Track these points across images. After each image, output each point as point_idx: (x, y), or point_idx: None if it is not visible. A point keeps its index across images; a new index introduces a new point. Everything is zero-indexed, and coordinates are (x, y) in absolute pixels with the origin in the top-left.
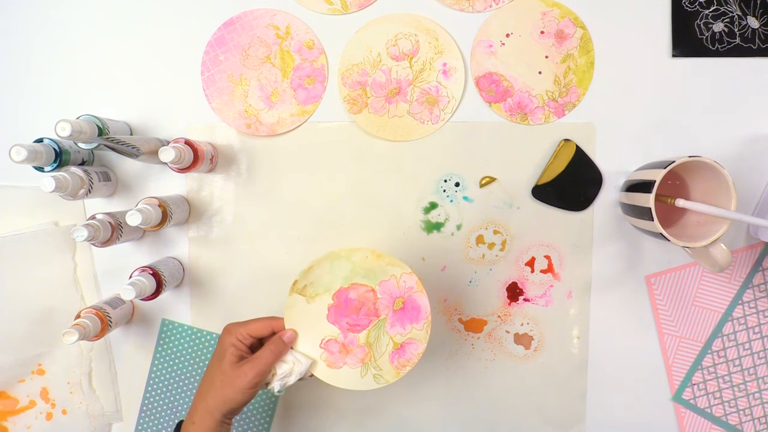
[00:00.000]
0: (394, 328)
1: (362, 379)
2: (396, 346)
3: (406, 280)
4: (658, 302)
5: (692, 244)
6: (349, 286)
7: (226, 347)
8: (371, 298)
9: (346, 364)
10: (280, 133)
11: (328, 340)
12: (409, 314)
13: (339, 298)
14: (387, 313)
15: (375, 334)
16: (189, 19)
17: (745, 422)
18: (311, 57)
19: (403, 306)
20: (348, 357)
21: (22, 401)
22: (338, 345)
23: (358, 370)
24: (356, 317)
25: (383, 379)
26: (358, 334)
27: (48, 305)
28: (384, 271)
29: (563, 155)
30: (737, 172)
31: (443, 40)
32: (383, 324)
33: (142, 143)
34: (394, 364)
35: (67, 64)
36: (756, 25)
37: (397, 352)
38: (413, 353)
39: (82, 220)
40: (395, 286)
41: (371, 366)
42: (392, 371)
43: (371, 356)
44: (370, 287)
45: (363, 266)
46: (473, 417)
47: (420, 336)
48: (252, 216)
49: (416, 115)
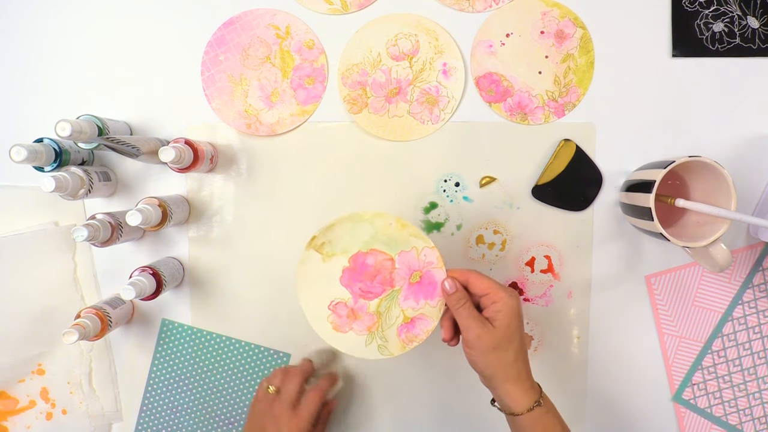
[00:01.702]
0: (407, 301)
1: (366, 347)
2: (406, 319)
3: (427, 254)
4: (658, 302)
5: (692, 244)
6: (368, 251)
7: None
8: (388, 267)
9: (353, 330)
10: (280, 133)
11: (337, 302)
12: (425, 289)
13: (355, 262)
14: (402, 285)
15: (386, 305)
16: (189, 19)
17: (745, 422)
18: (311, 57)
19: (420, 280)
20: (356, 323)
21: (22, 401)
22: (347, 309)
23: (364, 338)
24: (370, 284)
25: (387, 351)
26: (369, 302)
27: (48, 305)
28: (406, 241)
29: (563, 155)
30: (737, 172)
31: (443, 40)
32: (396, 295)
33: (142, 143)
34: (401, 338)
35: (67, 64)
36: (756, 25)
37: (406, 326)
38: (422, 329)
39: (82, 220)
40: (415, 258)
41: (378, 336)
42: (398, 344)
43: (379, 326)
44: (389, 256)
45: (385, 233)
46: (473, 416)
47: (432, 313)
48: (252, 216)
49: (416, 115)
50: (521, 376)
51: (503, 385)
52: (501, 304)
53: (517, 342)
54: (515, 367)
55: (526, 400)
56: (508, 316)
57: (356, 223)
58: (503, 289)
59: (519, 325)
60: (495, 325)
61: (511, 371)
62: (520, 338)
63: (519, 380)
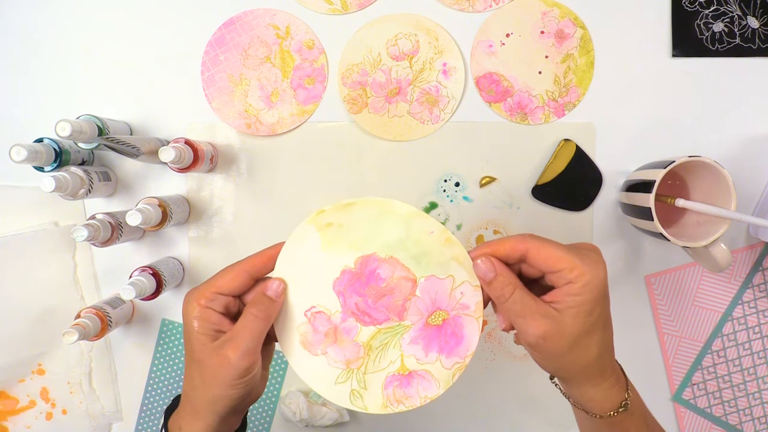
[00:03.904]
0: (413, 346)
1: (334, 385)
2: (403, 370)
3: (465, 292)
4: (658, 302)
5: (692, 244)
6: (387, 258)
7: (191, 324)
8: (405, 291)
9: (326, 356)
10: (280, 133)
11: (318, 311)
12: (444, 340)
13: (363, 267)
14: (415, 322)
15: (384, 340)
16: (189, 19)
17: (745, 422)
18: (311, 57)
19: (442, 325)
20: (333, 348)
21: (22, 401)
22: (329, 326)
23: (336, 373)
24: (372, 303)
25: (361, 402)
26: (362, 327)
27: (48, 305)
28: (443, 264)
29: (563, 155)
30: (737, 172)
31: (443, 40)
32: (402, 332)
33: (142, 143)
34: (386, 393)
35: (67, 64)
36: (756, 25)
37: (400, 380)
38: (419, 392)
39: (82, 220)
40: (446, 292)
41: (356, 377)
42: (379, 400)
43: (364, 365)
44: (413, 276)
45: (419, 242)
46: (472, 416)
47: (441, 377)
48: (252, 216)
49: (416, 115)
50: (605, 372)
51: (580, 387)
52: (579, 286)
53: (599, 333)
54: (598, 366)
55: (608, 403)
56: (589, 301)
57: (384, 215)
58: (581, 259)
59: (604, 308)
60: (569, 315)
61: (593, 371)
62: (604, 326)
63: (603, 378)
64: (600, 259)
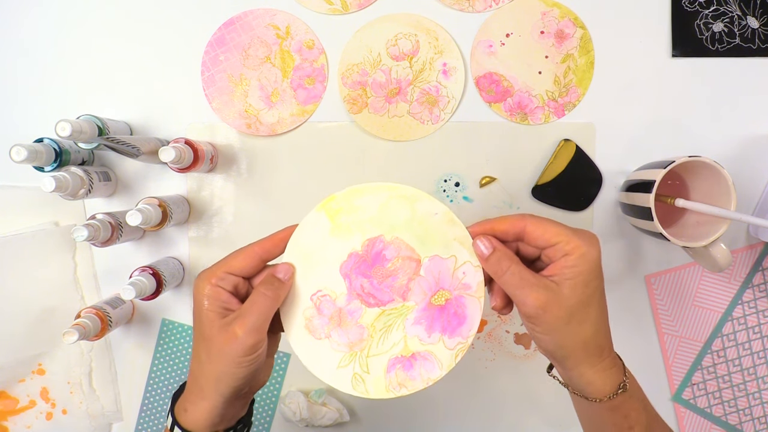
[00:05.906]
0: (416, 327)
1: (336, 370)
2: (406, 351)
3: (467, 272)
4: (658, 302)
5: (692, 244)
6: (392, 239)
7: (201, 302)
8: (409, 271)
9: (329, 339)
10: (280, 133)
11: (324, 295)
12: (447, 320)
13: (369, 249)
14: (418, 303)
15: (387, 321)
16: (189, 19)
17: (744, 422)
18: (311, 57)
19: (445, 304)
20: (337, 331)
21: (22, 401)
22: (333, 308)
23: (339, 357)
24: (377, 285)
25: (363, 387)
26: (366, 308)
27: (48, 305)
28: (446, 244)
29: (563, 155)
30: (737, 172)
31: (443, 40)
32: (406, 313)
33: (142, 143)
34: (389, 376)
35: (67, 64)
36: (756, 25)
37: (402, 362)
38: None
39: (82, 220)
40: (449, 271)
41: (358, 360)
42: (381, 384)
43: (366, 347)
44: (417, 256)
45: (424, 223)
46: (472, 416)
47: (444, 357)
48: (252, 216)
49: (416, 115)
50: (603, 352)
51: (578, 367)
52: (576, 257)
53: (596, 307)
54: (595, 343)
55: (607, 385)
56: (586, 272)
57: (393, 198)
58: (577, 235)
59: (600, 282)
60: (566, 286)
61: (591, 349)
62: (599, 300)
63: (600, 358)
64: (595, 239)
